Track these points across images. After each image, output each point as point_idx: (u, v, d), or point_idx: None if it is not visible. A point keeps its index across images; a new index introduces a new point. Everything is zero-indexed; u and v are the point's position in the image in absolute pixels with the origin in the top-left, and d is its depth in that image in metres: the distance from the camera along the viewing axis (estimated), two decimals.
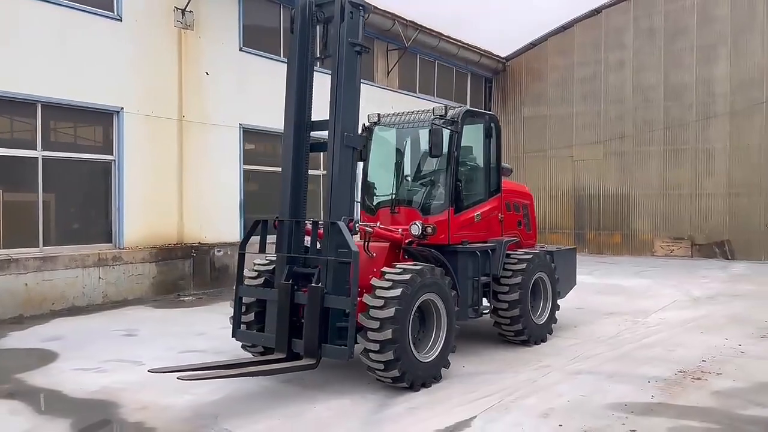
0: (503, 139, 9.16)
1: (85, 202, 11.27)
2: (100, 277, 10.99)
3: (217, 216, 13.19)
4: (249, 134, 13.91)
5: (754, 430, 5.01)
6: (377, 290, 5.89)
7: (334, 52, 6.42)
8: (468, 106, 7.91)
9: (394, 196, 7.67)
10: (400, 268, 6.09)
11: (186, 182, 12.57)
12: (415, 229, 6.75)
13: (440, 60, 20.35)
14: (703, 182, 19.35)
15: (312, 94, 6.83)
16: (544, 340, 8.11)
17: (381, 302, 5.80)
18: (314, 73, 6.77)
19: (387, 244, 6.86)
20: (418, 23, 18.04)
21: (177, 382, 6.21)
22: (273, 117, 14.12)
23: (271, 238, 6.91)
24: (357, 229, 6.23)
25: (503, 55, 22.54)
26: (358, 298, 5.89)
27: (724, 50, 18.92)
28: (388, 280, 5.95)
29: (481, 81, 22.80)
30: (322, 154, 7.70)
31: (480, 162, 7.99)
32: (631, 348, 7.86)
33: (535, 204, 9.28)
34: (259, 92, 14.04)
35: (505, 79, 22.96)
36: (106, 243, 11.43)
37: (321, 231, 6.63)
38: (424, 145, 7.68)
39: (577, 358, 7.35)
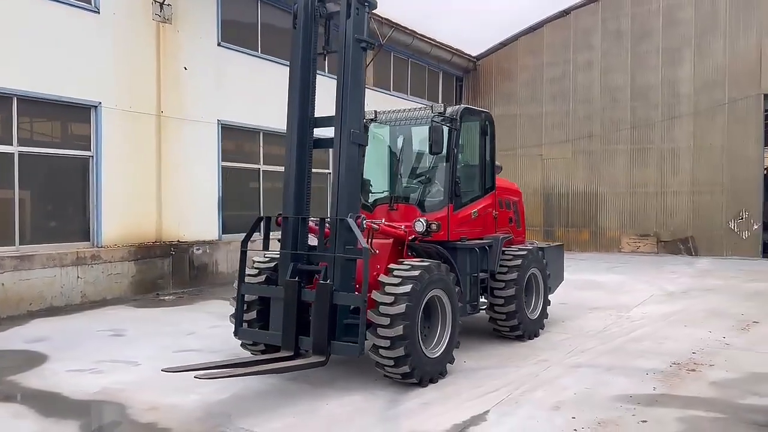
0: None
1: (62, 200, 10.94)
2: (78, 277, 10.69)
3: (195, 213, 12.98)
4: (227, 130, 13.72)
5: (757, 418, 5.20)
6: (386, 287, 5.90)
7: (340, 48, 6.41)
8: (465, 105, 7.91)
9: (392, 192, 7.69)
10: (408, 265, 6.11)
11: (164, 179, 12.33)
12: (420, 226, 6.79)
13: (413, 58, 20.43)
14: (668, 180, 19.93)
15: (315, 90, 6.81)
16: (537, 335, 8.25)
17: (391, 299, 5.81)
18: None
19: (390, 241, 6.87)
20: (393, 21, 18.07)
21: (179, 382, 6.16)
22: (251, 113, 14.09)
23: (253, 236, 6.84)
24: (364, 226, 6.22)
25: (474, 54, 22.76)
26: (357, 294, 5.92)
27: (688, 53, 19.51)
28: (396, 276, 5.97)
29: (453, 79, 22.99)
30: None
31: (476, 159, 8.07)
32: (621, 342, 8.06)
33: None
34: (237, 88, 13.89)
35: (475, 78, 23.20)
36: (84, 241, 11.12)
37: (326, 228, 6.63)
38: (422, 143, 7.72)
39: (572, 352, 7.50)
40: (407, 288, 5.84)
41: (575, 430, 4.96)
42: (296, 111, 6.63)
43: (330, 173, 16.74)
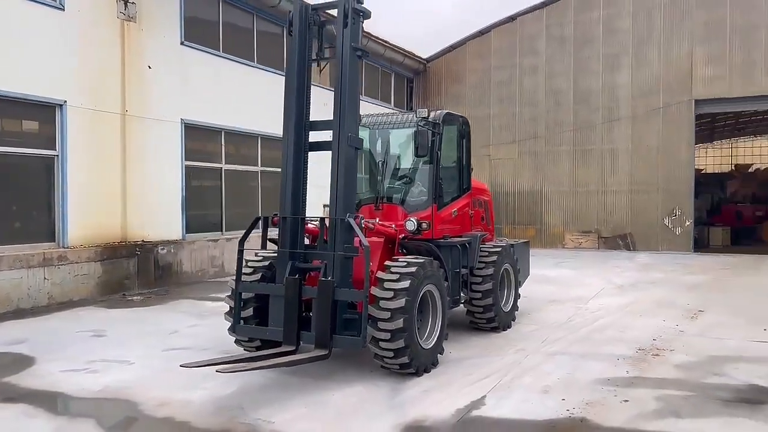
0: None
1: (27, 200, 10.74)
2: (45, 278, 10.54)
3: (159, 213, 12.93)
4: (190, 130, 13.70)
5: (722, 395, 5.84)
6: (385, 282, 6.24)
7: (338, 56, 6.70)
8: (445, 110, 8.32)
9: (376, 193, 8.03)
10: (404, 262, 6.47)
11: (129, 179, 12.25)
12: (411, 225, 7.16)
13: (367, 60, 20.74)
14: (608, 180, 21.06)
15: (310, 94, 7.08)
16: (509, 326, 8.77)
17: (390, 294, 6.16)
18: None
19: (382, 240, 7.21)
20: None
21: (182, 379, 6.35)
22: (213, 112, 14.11)
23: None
24: (362, 225, 6.53)
25: (424, 56, 23.31)
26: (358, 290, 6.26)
27: (627, 60, 20.67)
28: (394, 272, 6.31)
29: (404, 81, 23.48)
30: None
31: (454, 161, 8.52)
32: (587, 331, 8.68)
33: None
34: (200, 87, 13.90)
35: (425, 80, 23.78)
36: (50, 242, 10.95)
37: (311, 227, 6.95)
38: (404, 145, 8.10)
39: (545, 342, 8.05)
40: (406, 284, 6.20)
41: (568, 410, 5.46)
42: (293, 115, 6.86)
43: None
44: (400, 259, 6.56)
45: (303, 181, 6.96)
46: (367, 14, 6.86)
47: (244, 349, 7.20)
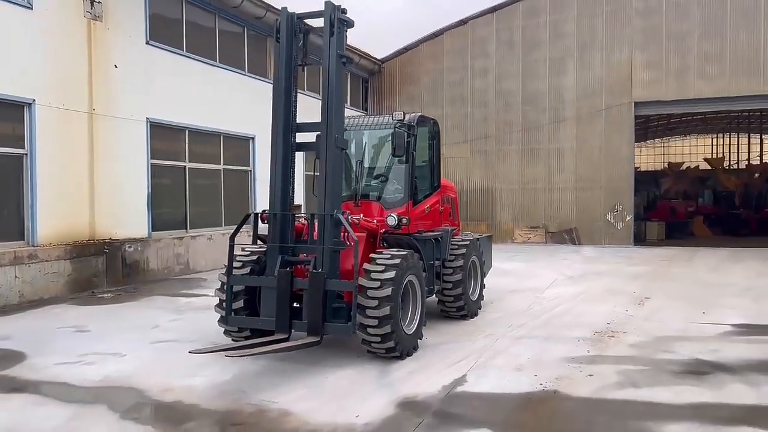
0: None
1: None
2: (16, 276, 10.57)
3: (126, 211, 13.03)
4: (155, 128, 13.82)
5: (673, 368, 6.61)
6: (372, 273, 6.74)
7: (324, 63, 7.17)
8: (419, 113, 8.87)
9: (355, 191, 8.51)
10: (388, 254, 6.99)
11: (96, 177, 12.33)
12: (392, 221, 7.68)
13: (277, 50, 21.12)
14: (554, 178, 22.12)
15: (297, 98, 7.51)
16: (476, 314, 9.42)
17: (377, 284, 6.67)
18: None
19: (364, 234, 7.70)
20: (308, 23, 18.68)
21: (178, 368, 6.72)
22: (177, 111, 14.26)
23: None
24: (350, 221, 7.01)
25: (379, 57, 23.85)
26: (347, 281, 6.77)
27: (572, 63, 21.76)
28: (379, 264, 6.83)
29: (359, 81, 23.95)
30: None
31: (426, 161, 9.09)
32: (547, 317, 9.41)
33: None
34: (165, 86, 14.03)
35: (380, 81, 24.33)
36: (19, 240, 10.97)
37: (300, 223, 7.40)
38: (382, 146, 8.61)
39: (511, 327, 8.72)
40: (391, 274, 6.72)
41: (541, 384, 6.10)
42: (281, 117, 7.28)
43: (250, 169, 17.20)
44: (384, 252, 7.07)
45: (291, 180, 7.37)
46: (350, 24, 7.35)
47: (233, 339, 7.58)
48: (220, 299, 7.44)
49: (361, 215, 7.68)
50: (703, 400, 5.59)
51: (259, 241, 7.97)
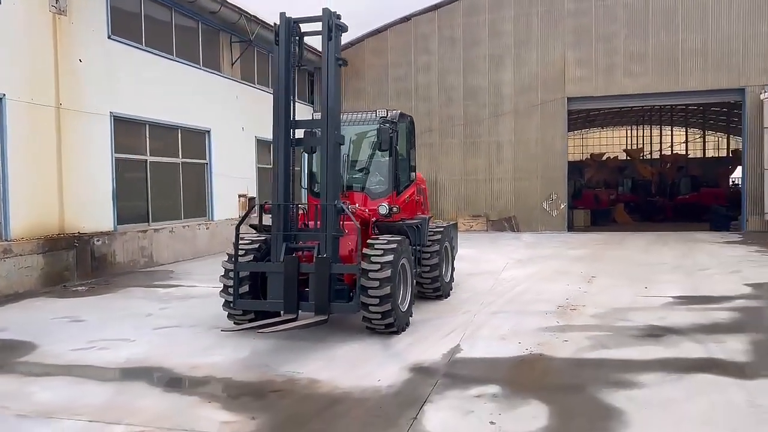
0: None
1: None
2: None
3: (93, 205, 13.13)
4: (118, 122, 13.92)
5: (633, 333, 7.67)
6: (372, 257, 7.44)
7: (323, 66, 7.79)
8: (398, 111, 9.58)
9: (341, 182, 9.14)
10: (384, 240, 7.71)
11: (65, 171, 12.39)
12: (383, 210, 8.39)
13: (273, 53, 21.47)
14: (494, 169, 23.37)
15: (295, 96, 8.08)
16: (448, 295, 10.27)
17: (378, 266, 7.37)
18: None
19: (358, 222, 8.36)
20: (260, 18, 19.02)
21: (192, 348, 7.27)
22: (138, 105, 14.39)
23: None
24: (348, 210, 7.68)
25: None
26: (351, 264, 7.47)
27: (509, 60, 23.02)
28: (378, 249, 7.54)
29: (305, 75, 24.37)
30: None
31: (405, 154, 9.84)
32: (511, 296, 10.39)
33: None
34: (126, 80, 14.13)
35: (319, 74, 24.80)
36: None
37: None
38: (366, 141, 9.30)
39: (483, 305, 9.63)
40: (390, 257, 7.45)
41: (527, 349, 7.01)
42: (282, 115, 7.84)
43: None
44: (380, 238, 7.78)
45: (291, 173, 7.94)
46: (344, 28, 8.00)
47: (234, 323, 8.11)
48: (225, 285, 7.94)
49: (357, 205, 8.34)
50: (664, 356, 6.63)
51: (252, 230, 8.52)
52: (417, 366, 6.46)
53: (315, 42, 8.11)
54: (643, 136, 51.56)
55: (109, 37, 13.67)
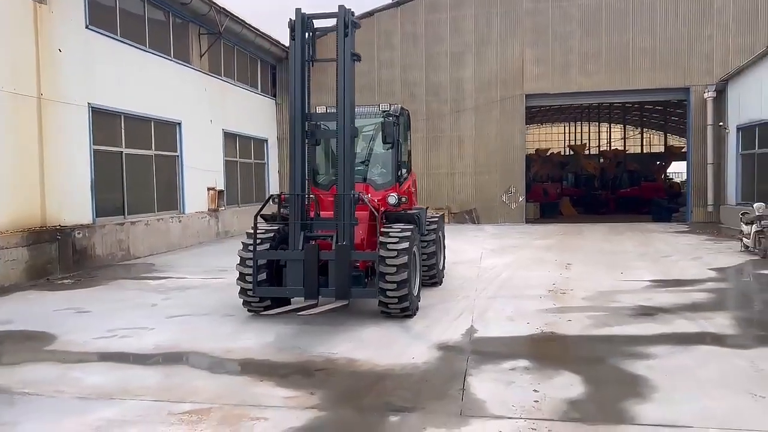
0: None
1: None
2: None
3: (73, 198, 12.95)
4: (96, 114, 13.72)
5: (627, 312, 8.32)
6: (388, 245, 7.80)
7: (339, 61, 8.08)
8: (399, 105, 9.91)
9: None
10: (398, 228, 8.08)
11: (46, 163, 12.19)
12: (393, 200, 8.76)
13: (238, 45, 21.44)
14: (455, 163, 24.02)
15: (310, 90, 8.32)
16: (441, 282, 10.74)
17: (395, 253, 7.74)
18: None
19: (367, 212, 8.69)
20: (228, 10, 18.97)
21: (216, 335, 7.52)
22: (115, 97, 14.22)
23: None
24: (367, 200, 8.02)
25: (287, 44, 24.32)
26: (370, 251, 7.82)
27: (470, 57, 23.68)
28: (393, 236, 7.90)
29: (267, 67, 24.35)
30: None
31: (403, 147, 10.21)
32: (500, 282, 10.95)
33: None
34: (103, 71, 13.95)
35: (288, 67, 24.85)
36: None
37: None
38: (370, 134, 9.62)
39: (477, 290, 10.14)
40: (406, 244, 7.83)
41: (537, 328, 7.54)
42: (299, 108, 8.08)
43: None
44: (394, 226, 8.14)
45: (306, 165, 8.19)
46: (358, 25, 8.31)
47: (248, 310, 8.35)
48: (241, 273, 8.12)
49: (369, 195, 8.68)
50: (663, 332, 7.28)
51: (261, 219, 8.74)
52: (443, 345, 6.88)
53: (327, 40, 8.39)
54: (581, 132, 53.67)
55: (87, 27, 13.46)
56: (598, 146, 50.57)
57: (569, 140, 53.48)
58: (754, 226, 13.16)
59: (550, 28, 23.12)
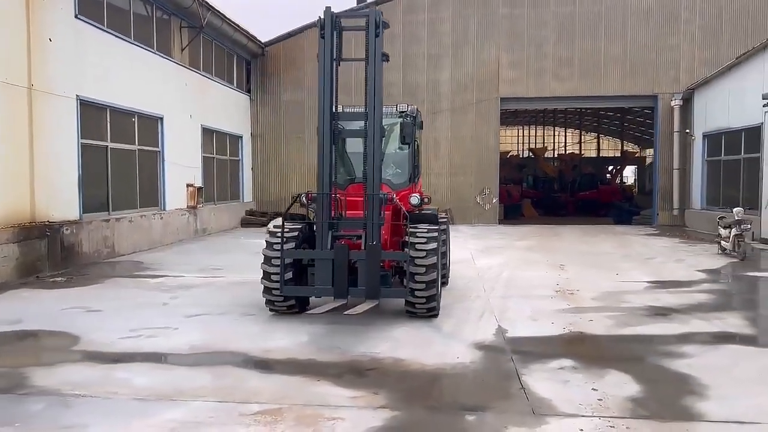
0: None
1: None
2: None
3: (61, 193, 12.52)
4: (84, 107, 13.28)
5: (642, 313, 8.59)
6: (417, 245, 7.85)
7: (370, 61, 8.10)
8: (414, 105, 9.96)
9: (365, 174, 9.42)
10: (425, 228, 8.13)
11: (36, 157, 11.74)
12: (415, 200, 8.81)
13: (216, 40, 21.07)
14: (432, 164, 24.17)
15: (337, 89, 8.29)
16: (448, 282, 10.84)
17: (424, 253, 7.80)
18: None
19: (390, 212, 8.71)
20: (210, 3, 18.64)
21: (247, 334, 7.42)
22: (101, 89, 13.81)
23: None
24: (396, 200, 8.03)
25: (263, 40, 24.07)
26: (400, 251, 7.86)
27: (447, 60, 23.91)
28: (421, 236, 7.96)
29: (243, 63, 23.99)
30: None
31: (417, 147, 10.26)
32: (504, 282, 11.11)
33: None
34: (91, 62, 13.53)
35: (264, 63, 24.60)
36: None
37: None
38: (388, 133, 9.61)
39: (485, 290, 10.28)
40: (434, 245, 7.90)
41: (564, 328, 7.71)
42: (328, 107, 8.06)
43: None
44: (420, 227, 8.18)
45: (332, 164, 8.16)
46: (386, 25, 8.32)
47: (270, 309, 8.27)
48: (266, 272, 8.01)
49: (395, 195, 8.70)
50: (684, 331, 7.56)
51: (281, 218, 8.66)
52: (480, 344, 6.97)
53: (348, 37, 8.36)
54: (536, 135, 54.92)
55: (76, 16, 13.01)
56: (554, 149, 51.77)
57: (525, 143, 54.56)
58: (733, 229, 13.74)
59: (526, 33, 23.57)
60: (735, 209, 14.08)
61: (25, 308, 8.83)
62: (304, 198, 8.57)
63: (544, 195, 37.93)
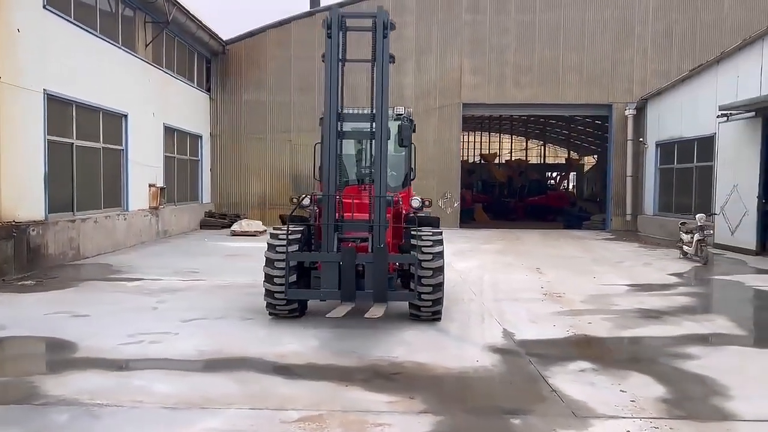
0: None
1: None
2: None
3: (26, 191, 11.89)
4: (51, 101, 12.66)
5: (634, 315, 8.82)
6: (423, 248, 7.83)
7: (377, 62, 8.04)
8: (410, 108, 9.95)
9: (359, 175, 9.35)
10: (429, 231, 8.12)
11: (2, 153, 11.11)
12: (416, 203, 8.78)
13: (179, 37, 20.50)
14: None
15: (343, 88, 8.19)
16: None
17: (430, 257, 7.80)
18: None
19: (390, 214, 8.63)
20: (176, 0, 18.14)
21: (254, 339, 7.27)
22: (67, 84, 13.25)
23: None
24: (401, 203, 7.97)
25: (224, 38, 23.57)
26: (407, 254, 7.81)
27: (411, 65, 24.03)
28: (427, 240, 7.94)
29: (203, 60, 23.43)
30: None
31: (414, 150, 10.23)
32: (489, 285, 11.20)
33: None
34: (58, 55, 12.94)
35: (224, 62, 24.08)
36: None
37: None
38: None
39: (475, 293, 10.34)
40: (440, 248, 7.91)
41: (567, 330, 7.84)
42: (334, 106, 7.94)
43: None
44: (424, 230, 8.17)
45: (338, 165, 8.05)
46: (393, 26, 8.28)
47: (269, 313, 8.08)
48: (268, 275, 7.82)
49: (399, 198, 8.63)
50: (681, 333, 7.80)
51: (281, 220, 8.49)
52: (494, 347, 7.01)
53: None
54: (482, 142, 56.01)
55: (44, 7, 12.40)
56: (499, 155, 52.80)
57: (474, 149, 55.46)
58: (696, 234, 14.32)
59: (488, 40, 23.95)
60: (698, 215, 14.66)
61: (4, 313, 8.33)
62: (306, 200, 8.41)
63: (493, 200, 38.59)
